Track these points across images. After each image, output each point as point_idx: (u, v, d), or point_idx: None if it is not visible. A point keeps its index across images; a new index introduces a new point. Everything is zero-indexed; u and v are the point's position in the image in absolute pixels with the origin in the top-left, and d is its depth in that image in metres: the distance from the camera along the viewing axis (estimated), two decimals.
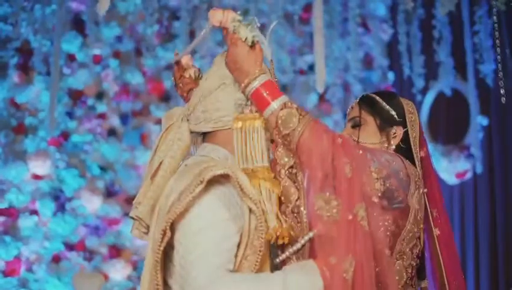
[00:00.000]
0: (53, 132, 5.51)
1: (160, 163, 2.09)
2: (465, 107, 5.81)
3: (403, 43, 6.09)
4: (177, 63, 2.28)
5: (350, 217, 1.86)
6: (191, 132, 2.14)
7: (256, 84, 1.97)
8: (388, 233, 2.06)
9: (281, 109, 1.94)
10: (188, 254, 1.87)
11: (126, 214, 5.67)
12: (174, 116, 2.17)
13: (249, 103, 2.02)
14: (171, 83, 5.76)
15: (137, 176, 5.81)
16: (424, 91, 6.06)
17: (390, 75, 6.51)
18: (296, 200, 1.95)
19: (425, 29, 6.01)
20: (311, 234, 1.91)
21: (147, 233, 2.10)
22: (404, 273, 2.14)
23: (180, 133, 2.12)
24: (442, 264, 2.23)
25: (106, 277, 5.52)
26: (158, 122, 5.88)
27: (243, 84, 1.99)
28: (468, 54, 5.77)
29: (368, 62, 6.45)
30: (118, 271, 5.60)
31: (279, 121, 1.93)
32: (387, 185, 2.04)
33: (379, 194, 2.02)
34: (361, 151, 1.99)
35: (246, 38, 2.01)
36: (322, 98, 6.26)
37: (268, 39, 2.09)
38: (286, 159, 1.97)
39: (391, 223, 2.07)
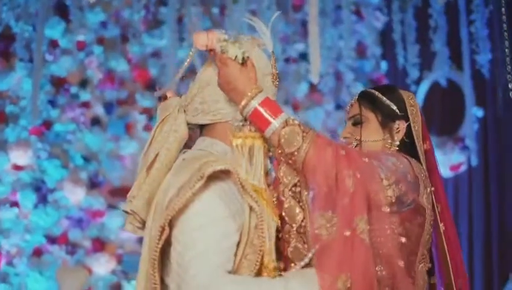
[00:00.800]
0: (35, 120, 5.46)
1: (156, 155, 2.06)
2: (460, 98, 5.83)
3: (397, 32, 6.08)
4: (162, 98, 2.24)
5: (347, 233, 1.87)
6: (188, 124, 2.11)
7: (254, 103, 1.95)
8: (404, 240, 2.05)
9: (283, 127, 1.93)
10: (186, 251, 1.85)
11: (110, 206, 5.68)
12: (170, 107, 2.15)
13: (247, 122, 1.99)
14: (158, 71, 5.90)
15: (122, 166, 5.79)
16: (418, 81, 6.05)
17: (384, 65, 6.49)
18: (302, 220, 1.97)
19: (421, 17, 6.00)
20: (313, 251, 1.92)
21: (141, 228, 2.08)
22: (426, 275, 2.15)
23: (177, 124, 2.10)
24: (448, 260, 2.24)
25: (90, 271, 5.49)
26: (144, 111, 5.90)
27: (240, 105, 1.97)
28: (464, 43, 5.78)
29: (360, 51, 6.43)
30: (102, 265, 5.56)
31: (282, 140, 1.92)
32: (398, 190, 2.03)
33: (393, 200, 2.01)
34: (367, 160, 1.98)
35: (236, 57, 1.98)
36: (313, 87, 6.24)
37: (269, 30, 2.06)
38: (289, 178, 1.98)
39: (402, 230, 2.07)
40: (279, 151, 1.94)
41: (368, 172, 1.95)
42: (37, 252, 5.47)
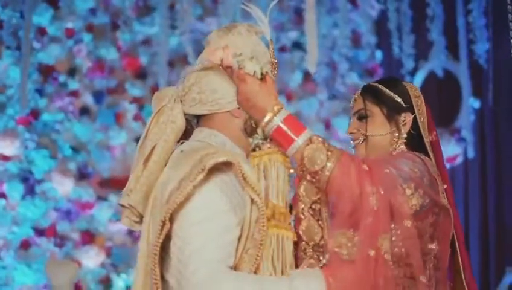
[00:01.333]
0: (22, 110, 5.43)
1: (153, 148, 2.03)
2: (456, 89, 5.82)
3: (392, 21, 6.06)
4: None
5: (372, 252, 1.88)
6: (185, 115, 2.09)
7: (277, 121, 1.92)
8: (430, 254, 2.07)
9: (307, 145, 1.91)
10: (186, 246, 1.83)
11: (99, 198, 5.67)
12: (165, 97, 2.12)
13: (267, 140, 1.96)
14: (148, 59, 5.88)
15: (112, 157, 5.78)
16: (413, 72, 6.04)
17: (378, 54, 6.47)
18: (320, 239, 1.98)
19: (417, 6, 5.98)
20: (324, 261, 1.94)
21: (138, 222, 2.07)
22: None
23: (174, 115, 2.08)
24: (459, 255, 2.25)
25: (78, 264, 5.42)
26: (134, 100, 5.89)
27: (262, 123, 1.93)
28: (461, 33, 5.77)
29: (355, 40, 6.40)
30: (91, 258, 5.55)
31: (306, 159, 1.91)
32: (420, 197, 2.04)
33: (417, 208, 2.01)
34: (388, 170, 1.98)
35: (254, 72, 1.94)
36: (307, 77, 6.22)
37: (268, 18, 2.04)
38: (310, 195, 1.98)
39: (430, 239, 2.08)
40: (302, 169, 1.92)
41: (390, 184, 1.95)
42: (25, 245, 5.45)
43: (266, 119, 1.92)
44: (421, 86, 5.99)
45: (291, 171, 1.97)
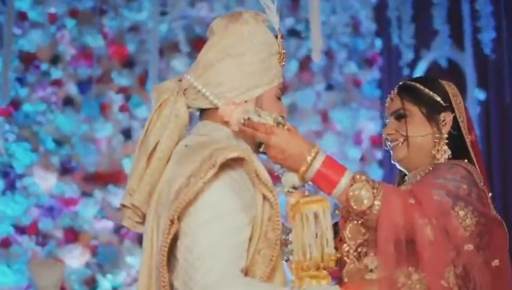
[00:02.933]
0: (2, 100, 5.41)
1: (157, 143, 2.00)
2: (461, 80, 5.79)
3: (392, 8, 6.05)
4: None
5: (445, 284, 1.95)
6: (188, 108, 2.05)
7: (317, 165, 1.97)
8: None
9: (351, 185, 1.97)
10: (195, 247, 1.80)
11: (84, 194, 5.67)
12: (167, 90, 2.07)
13: (300, 187, 1.99)
14: (136, 47, 5.86)
15: (97, 150, 5.76)
16: (415, 61, 6.03)
17: (378, 42, 6.44)
18: None
19: None
20: None
21: (141, 223, 2.04)
22: None
23: (177, 109, 2.04)
24: None
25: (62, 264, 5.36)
26: (120, 90, 5.87)
27: (302, 169, 1.97)
28: (465, 21, 5.77)
29: (354, 27, 6.38)
30: (75, 257, 5.53)
31: (352, 199, 1.96)
32: (473, 215, 2.06)
33: (473, 228, 2.04)
34: (437, 197, 2.01)
35: (277, 123, 1.99)
36: (302, 66, 6.20)
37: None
38: (356, 238, 2.03)
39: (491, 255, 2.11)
40: (349, 210, 1.97)
41: (442, 211, 2.00)
42: (5, 243, 5.45)
43: (306, 165, 1.96)
44: None
45: (336, 212, 2.03)
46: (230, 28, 2.03)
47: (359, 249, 2.02)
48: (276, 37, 2.08)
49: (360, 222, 1.99)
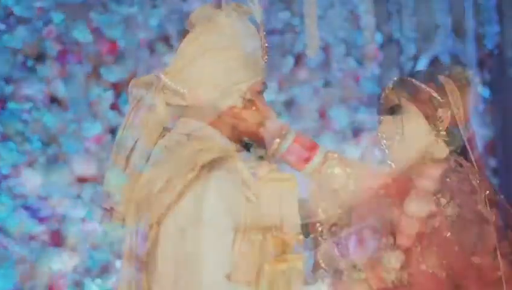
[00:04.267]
0: None
1: (135, 142, 2.00)
2: None
3: (392, 1, 6.09)
4: None
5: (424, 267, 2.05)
6: (167, 105, 2.06)
7: (288, 141, 2.05)
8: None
9: (323, 163, 2.04)
10: (175, 252, 1.82)
11: (72, 195, 5.59)
12: (145, 86, 2.08)
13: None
14: (126, 42, 5.84)
15: (85, 150, 5.70)
16: (416, 56, 6.06)
17: (378, 37, 6.42)
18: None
19: None
20: None
21: (122, 225, 2.04)
22: None
23: (155, 106, 2.03)
24: None
25: (49, 268, 5.43)
26: (109, 87, 5.81)
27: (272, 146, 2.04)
28: (468, 14, 5.77)
29: (353, 21, 6.37)
30: (63, 262, 5.49)
31: (324, 178, 2.02)
32: (457, 206, 2.12)
33: (454, 219, 2.10)
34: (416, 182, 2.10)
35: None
36: (299, 62, 6.18)
37: None
38: (330, 218, 2.08)
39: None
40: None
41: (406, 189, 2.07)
42: None
43: (277, 141, 2.02)
44: None
45: None
46: (211, 21, 2.05)
47: (333, 229, 2.06)
48: (259, 30, 2.11)
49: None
